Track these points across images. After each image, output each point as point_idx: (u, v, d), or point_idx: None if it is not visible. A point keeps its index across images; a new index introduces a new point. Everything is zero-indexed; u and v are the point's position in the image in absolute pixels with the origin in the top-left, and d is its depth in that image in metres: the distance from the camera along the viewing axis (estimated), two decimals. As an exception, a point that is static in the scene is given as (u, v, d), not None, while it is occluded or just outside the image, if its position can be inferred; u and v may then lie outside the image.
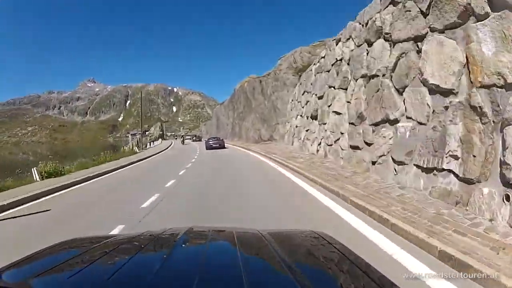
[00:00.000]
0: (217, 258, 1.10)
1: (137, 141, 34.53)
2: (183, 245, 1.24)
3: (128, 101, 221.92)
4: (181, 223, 4.01)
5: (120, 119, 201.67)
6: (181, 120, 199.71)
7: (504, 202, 3.40)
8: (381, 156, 6.58)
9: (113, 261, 1.08)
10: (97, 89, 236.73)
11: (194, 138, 55.32)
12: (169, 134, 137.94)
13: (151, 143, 48.33)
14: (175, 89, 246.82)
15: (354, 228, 3.90)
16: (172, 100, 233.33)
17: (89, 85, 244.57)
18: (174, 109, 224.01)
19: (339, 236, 1.45)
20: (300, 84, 17.54)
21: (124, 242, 1.32)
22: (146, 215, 4.98)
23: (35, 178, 9.95)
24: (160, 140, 61.76)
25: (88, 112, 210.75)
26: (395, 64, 6.18)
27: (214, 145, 23.99)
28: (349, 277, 1.00)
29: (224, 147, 24.31)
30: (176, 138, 57.59)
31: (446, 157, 4.46)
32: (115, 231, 4.15)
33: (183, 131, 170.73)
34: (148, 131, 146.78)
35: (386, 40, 6.74)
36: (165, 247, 1.25)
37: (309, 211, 4.92)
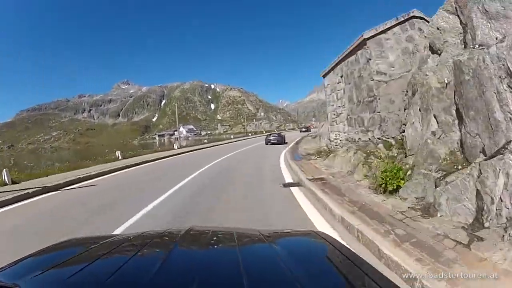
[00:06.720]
0: (217, 258, 1.09)
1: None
2: (183, 245, 1.20)
3: (163, 101, 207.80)
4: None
5: (154, 119, 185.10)
6: (220, 118, 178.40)
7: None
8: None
9: (113, 261, 1.06)
10: (131, 91, 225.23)
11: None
12: (203, 133, 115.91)
13: None
14: (212, 86, 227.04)
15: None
16: (210, 97, 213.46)
17: (123, 87, 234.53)
18: (213, 106, 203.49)
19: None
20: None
21: (124, 242, 1.30)
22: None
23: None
24: None
25: (120, 114, 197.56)
26: None
27: (273, 140, 25.22)
28: (349, 277, 0.95)
29: (283, 143, 24.47)
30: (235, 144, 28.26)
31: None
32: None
33: (221, 128, 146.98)
34: (176, 130, 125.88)
35: None
36: (165, 247, 1.19)
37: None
